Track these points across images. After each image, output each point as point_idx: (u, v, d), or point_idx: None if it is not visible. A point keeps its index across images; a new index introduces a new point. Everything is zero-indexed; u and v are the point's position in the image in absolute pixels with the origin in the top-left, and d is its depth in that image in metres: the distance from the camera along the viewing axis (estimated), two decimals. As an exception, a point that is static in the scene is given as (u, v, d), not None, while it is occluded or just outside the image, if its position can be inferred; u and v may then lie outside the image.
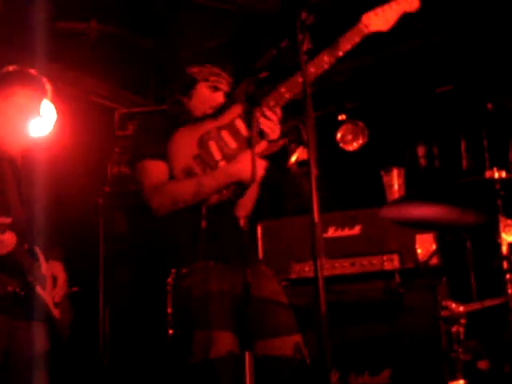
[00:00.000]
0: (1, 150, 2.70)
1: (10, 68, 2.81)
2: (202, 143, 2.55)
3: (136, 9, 3.85)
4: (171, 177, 2.54)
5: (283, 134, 2.60)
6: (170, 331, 2.43)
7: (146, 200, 2.53)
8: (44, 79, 2.85)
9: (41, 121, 2.88)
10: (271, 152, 2.58)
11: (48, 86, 2.85)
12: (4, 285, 2.52)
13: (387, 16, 2.58)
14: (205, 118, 2.64)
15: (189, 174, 2.53)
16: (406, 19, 3.88)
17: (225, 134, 2.57)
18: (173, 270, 2.47)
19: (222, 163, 2.53)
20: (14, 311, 2.57)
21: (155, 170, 2.56)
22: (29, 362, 2.62)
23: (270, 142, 2.56)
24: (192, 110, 2.67)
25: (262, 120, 2.52)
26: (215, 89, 2.67)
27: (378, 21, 2.57)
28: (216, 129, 2.57)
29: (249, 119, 2.55)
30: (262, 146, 2.55)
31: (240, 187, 2.55)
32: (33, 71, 2.85)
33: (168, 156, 2.54)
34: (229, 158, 2.53)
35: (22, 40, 3.79)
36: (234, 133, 2.56)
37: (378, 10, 2.57)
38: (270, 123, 2.51)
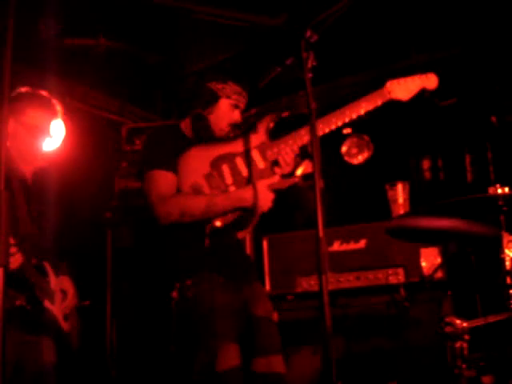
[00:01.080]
0: (12, 169, 2.75)
1: (22, 89, 2.87)
2: (216, 165, 2.60)
3: (144, 25, 3.89)
4: (178, 190, 2.57)
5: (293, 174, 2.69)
6: (174, 344, 2.46)
7: (152, 208, 2.54)
8: (54, 100, 2.92)
9: (51, 140, 2.93)
10: (281, 188, 2.61)
11: (58, 107, 2.92)
12: (12, 299, 2.55)
13: (409, 87, 2.70)
14: (221, 140, 2.68)
15: (196, 191, 2.56)
16: (410, 35, 3.95)
17: (239, 162, 2.62)
18: (177, 284, 2.48)
19: (232, 188, 2.58)
20: (23, 325, 2.60)
21: (164, 180, 2.57)
22: (38, 376, 2.65)
23: (282, 176, 2.62)
24: (211, 126, 2.69)
25: (279, 152, 2.61)
26: (235, 107, 2.72)
27: (400, 90, 2.68)
28: (231, 154, 2.63)
29: (265, 152, 2.62)
30: (274, 179, 2.59)
31: (246, 213, 2.57)
32: (44, 92, 2.92)
33: (178, 170, 2.57)
34: (239, 184, 2.59)
35: (31, 56, 3.85)
36: (249, 162, 2.61)
37: (402, 81, 2.69)
38: (287, 157, 2.61)
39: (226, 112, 2.70)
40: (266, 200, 2.54)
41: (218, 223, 2.53)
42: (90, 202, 4.20)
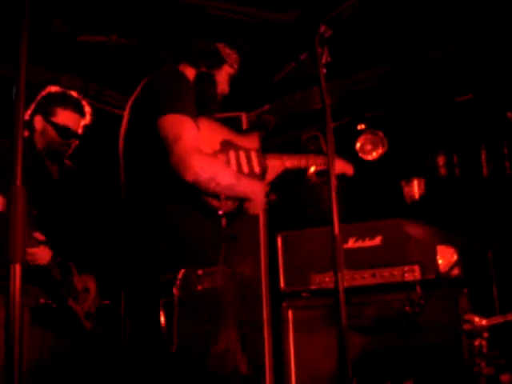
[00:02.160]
0: (39, 166, 2.80)
1: (53, 89, 2.92)
2: (225, 148, 2.42)
3: (156, 21, 3.89)
4: None
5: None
6: (176, 345, 2.10)
7: (180, 157, 2.11)
8: (84, 102, 2.96)
9: (78, 140, 2.98)
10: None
11: (87, 109, 2.96)
12: (37, 297, 2.59)
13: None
14: (226, 124, 2.54)
15: None
16: (425, 30, 3.91)
17: (242, 156, 2.51)
18: (182, 270, 2.14)
19: None
20: (47, 323, 2.63)
21: (195, 131, 2.19)
22: (58, 374, 2.67)
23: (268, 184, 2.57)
24: (217, 89, 2.49)
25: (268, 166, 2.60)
26: (230, 78, 2.54)
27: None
28: (236, 145, 2.50)
29: (260, 159, 2.56)
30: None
31: (240, 207, 2.38)
32: (74, 93, 2.97)
33: None
34: None
35: (44, 54, 3.86)
36: (249, 161, 2.53)
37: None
38: (273, 173, 2.67)
39: (224, 80, 2.50)
40: (263, 203, 2.40)
41: (220, 211, 2.28)
42: (108, 198, 4.20)
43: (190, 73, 2.42)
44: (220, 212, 2.27)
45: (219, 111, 2.55)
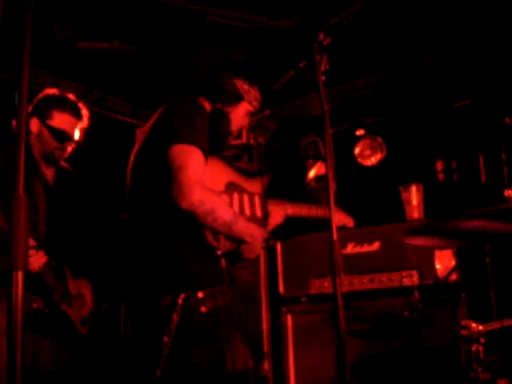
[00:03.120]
0: (34, 169, 2.78)
1: (50, 91, 2.88)
2: (229, 189, 2.47)
3: (158, 28, 3.91)
4: None
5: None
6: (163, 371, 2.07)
7: (182, 187, 2.11)
8: (81, 105, 2.93)
9: (75, 144, 2.95)
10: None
11: (85, 112, 2.92)
12: (29, 302, 2.57)
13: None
14: (235, 167, 2.59)
15: None
16: (424, 36, 3.94)
17: (245, 199, 2.54)
18: (182, 295, 2.14)
19: None
20: (40, 329, 2.62)
21: (203, 165, 2.18)
22: (52, 379, 2.66)
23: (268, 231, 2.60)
24: (230, 127, 2.49)
25: (271, 211, 2.65)
26: (250, 115, 2.54)
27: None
28: (241, 187, 2.53)
29: (263, 204, 2.59)
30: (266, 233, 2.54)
31: (237, 252, 2.37)
32: (71, 96, 2.92)
33: None
34: None
35: (46, 59, 3.89)
36: (252, 204, 2.56)
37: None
38: (275, 220, 2.70)
39: (241, 117, 2.50)
40: (259, 248, 2.38)
41: (218, 251, 2.30)
42: (105, 203, 4.22)
43: (207, 106, 2.43)
44: (218, 252, 2.29)
45: (229, 148, 2.57)
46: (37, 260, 2.50)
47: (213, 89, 2.44)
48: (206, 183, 2.20)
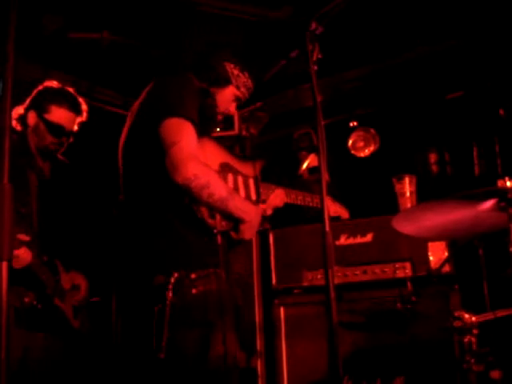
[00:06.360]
0: (30, 162, 2.75)
1: (49, 84, 2.84)
2: (223, 169, 2.45)
3: (147, 19, 3.88)
4: None
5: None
6: (165, 352, 2.05)
7: (177, 161, 2.09)
8: (80, 99, 2.89)
9: (72, 138, 2.92)
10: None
11: (84, 107, 2.89)
12: (21, 297, 2.55)
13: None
14: (228, 149, 2.58)
15: None
16: (416, 27, 3.92)
17: (240, 181, 2.54)
18: (175, 274, 2.13)
19: None
20: (32, 323, 2.60)
21: (196, 139, 2.17)
22: (45, 374, 2.65)
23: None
24: (216, 108, 2.50)
25: (268, 195, 2.63)
26: (236, 100, 2.54)
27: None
28: (235, 169, 2.52)
29: (258, 187, 2.59)
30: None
31: (235, 228, 2.36)
32: (70, 90, 2.89)
33: None
34: None
35: (35, 51, 3.84)
36: (246, 187, 2.55)
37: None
38: (273, 203, 2.69)
39: (227, 100, 2.49)
40: (256, 227, 2.38)
41: (214, 230, 2.28)
42: (98, 198, 4.19)
43: (196, 84, 2.42)
44: (215, 231, 2.27)
45: (218, 129, 2.55)
46: (27, 256, 2.47)
47: (203, 67, 2.44)
48: (200, 158, 2.18)
